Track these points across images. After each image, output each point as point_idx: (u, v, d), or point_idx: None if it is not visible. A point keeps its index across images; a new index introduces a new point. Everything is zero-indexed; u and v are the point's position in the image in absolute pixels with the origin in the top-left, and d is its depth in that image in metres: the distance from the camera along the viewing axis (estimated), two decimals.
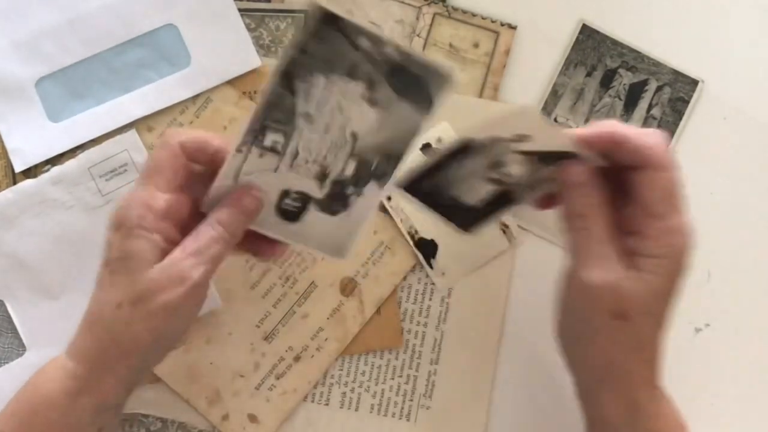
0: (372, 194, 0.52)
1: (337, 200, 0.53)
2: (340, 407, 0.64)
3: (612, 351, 0.51)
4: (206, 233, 0.50)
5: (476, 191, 0.55)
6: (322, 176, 0.52)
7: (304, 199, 0.53)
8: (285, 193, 0.52)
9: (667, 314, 0.51)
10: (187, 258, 0.49)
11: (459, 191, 0.55)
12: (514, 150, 0.51)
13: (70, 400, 0.50)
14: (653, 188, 0.49)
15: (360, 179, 0.52)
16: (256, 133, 0.49)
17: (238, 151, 0.49)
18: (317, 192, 0.52)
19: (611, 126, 0.50)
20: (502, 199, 0.56)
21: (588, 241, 0.50)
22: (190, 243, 0.50)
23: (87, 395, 0.50)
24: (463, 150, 0.52)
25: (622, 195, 0.51)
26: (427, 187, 0.54)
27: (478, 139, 0.51)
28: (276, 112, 0.48)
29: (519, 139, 0.50)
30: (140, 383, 0.54)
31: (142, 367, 0.51)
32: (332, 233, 0.54)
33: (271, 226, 0.53)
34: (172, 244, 0.50)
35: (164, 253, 0.50)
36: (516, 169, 0.53)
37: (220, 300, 0.63)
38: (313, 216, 0.53)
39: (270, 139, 0.49)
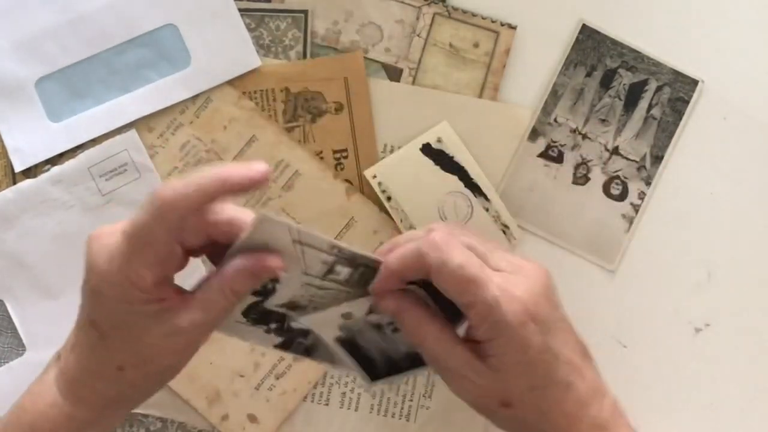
0: None
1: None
2: (340, 407, 0.64)
3: (524, 429, 0.50)
4: (216, 302, 0.46)
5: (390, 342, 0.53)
6: None
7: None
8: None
9: (548, 378, 0.48)
10: (194, 327, 0.46)
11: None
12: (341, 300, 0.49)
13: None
14: (445, 286, 0.46)
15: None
16: None
17: None
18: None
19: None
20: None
21: (433, 363, 0.49)
22: (198, 308, 0.46)
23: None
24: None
25: None
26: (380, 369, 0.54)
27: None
28: None
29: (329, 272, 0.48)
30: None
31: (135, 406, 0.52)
32: None
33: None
34: (171, 297, 0.46)
35: (163, 313, 0.46)
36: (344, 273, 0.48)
37: None
38: None
39: None
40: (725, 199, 0.65)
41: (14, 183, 0.62)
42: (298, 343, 0.52)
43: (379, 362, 0.54)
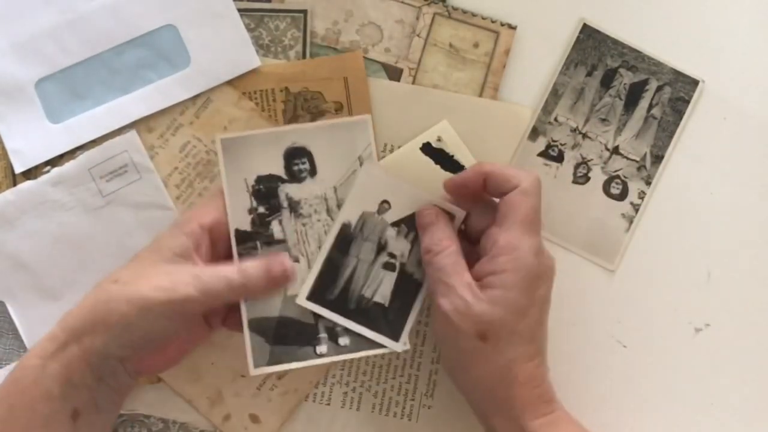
0: None
1: None
2: (342, 407, 0.64)
3: (488, 374, 0.53)
4: (224, 270, 0.53)
5: (379, 283, 0.58)
6: None
7: None
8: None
9: (529, 331, 0.53)
10: (186, 275, 0.52)
11: (363, 288, 0.58)
12: (386, 224, 0.57)
13: (42, 364, 0.51)
14: (513, 208, 0.54)
15: None
16: None
17: None
18: None
19: (482, 165, 0.56)
20: (409, 286, 0.59)
21: (438, 273, 0.54)
22: (203, 267, 0.53)
23: (54, 361, 0.51)
24: (343, 239, 0.57)
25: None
26: (331, 294, 0.58)
27: (349, 220, 0.57)
28: None
29: (383, 209, 0.56)
30: (113, 383, 0.53)
31: (105, 351, 0.51)
32: None
33: None
34: (202, 258, 0.54)
35: (187, 259, 0.53)
36: (399, 245, 0.58)
37: None
38: None
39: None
40: (725, 199, 0.65)
41: (14, 184, 0.62)
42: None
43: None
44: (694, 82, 0.65)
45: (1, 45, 0.62)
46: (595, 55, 0.65)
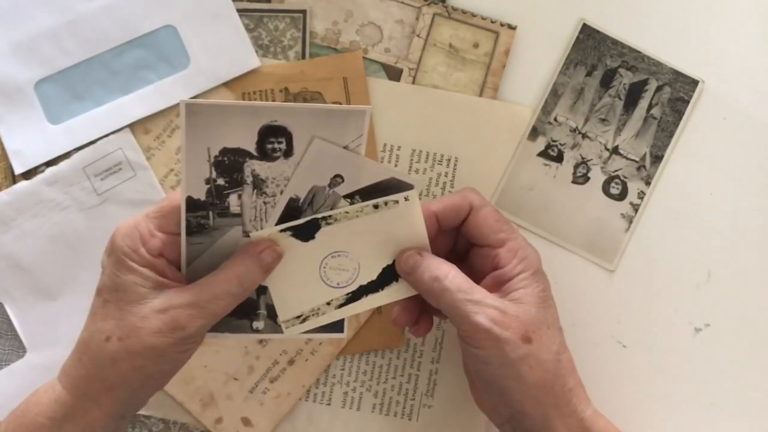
0: None
1: None
2: (342, 407, 0.64)
3: (542, 375, 0.52)
4: (218, 286, 0.50)
5: None
6: None
7: None
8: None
9: (556, 320, 0.54)
10: (185, 308, 0.49)
11: None
12: (338, 197, 0.54)
13: (55, 426, 0.50)
14: (481, 225, 0.55)
15: None
16: None
17: None
18: None
19: (428, 208, 0.55)
20: None
21: (458, 294, 0.52)
22: (195, 292, 0.50)
23: (71, 423, 0.50)
24: (290, 213, 0.54)
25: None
26: None
27: (297, 194, 0.53)
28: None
29: (335, 183, 0.53)
30: (134, 411, 0.53)
31: (129, 401, 0.51)
32: None
33: None
34: (173, 280, 0.51)
35: (159, 287, 0.50)
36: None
37: None
38: None
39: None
40: (725, 199, 0.65)
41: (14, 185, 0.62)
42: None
43: None
44: (694, 82, 0.65)
45: (0, 46, 0.62)
46: (595, 55, 0.65)
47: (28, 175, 0.62)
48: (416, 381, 0.64)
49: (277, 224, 0.53)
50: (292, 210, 0.53)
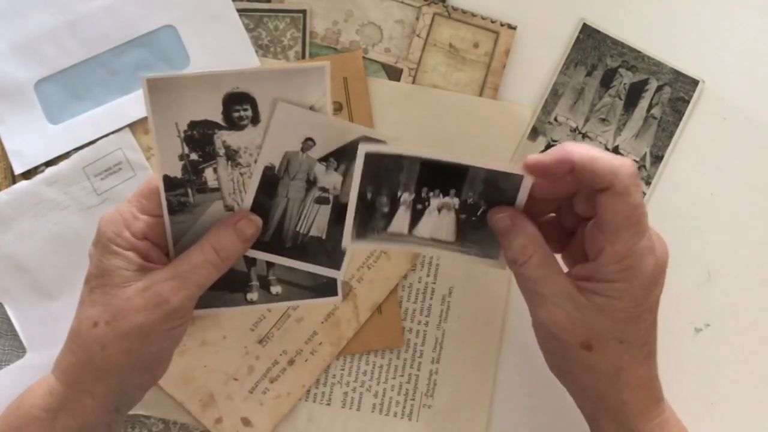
0: None
1: None
2: (342, 407, 0.64)
3: (594, 381, 0.50)
4: (195, 256, 0.50)
5: (313, 218, 0.55)
6: None
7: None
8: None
9: (641, 337, 0.50)
10: (167, 281, 0.49)
11: (297, 225, 0.55)
12: (313, 161, 0.53)
13: (50, 418, 0.50)
14: (613, 213, 0.47)
15: None
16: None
17: None
18: None
19: (569, 151, 0.48)
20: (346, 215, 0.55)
21: (528, 283, 0.50)
22: (176, 265, 0.50)
23: (66, 414, 0.50)
24: (268, 181, 0.53)
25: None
26: (264, 236, 0.54)
27: (271, 162, 0.52)
28: None
29: (307, 146, 0.52)
30: (128, 404, 0.53)
31: (122, 388, 0.51)
32: None
33: None
34: (157, 263, 0.50)
35: (144, 271, 0.49)
36: (330, 178, 0.54)
37: None
38: None
39: None
40: (725, 199, 0.65)
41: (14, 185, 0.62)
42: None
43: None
44: (694, 82, 0.65)
45: (0, 46, 0.62)
46: (595, 55, 0.65)
47: (28, 175, 0.62)
48: (416, 381, 0.64)
49: (255, 196, 0.53)
50: (269, 179, 0.53)
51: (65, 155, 0.62)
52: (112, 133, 0.62)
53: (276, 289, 0.55)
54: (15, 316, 0.62)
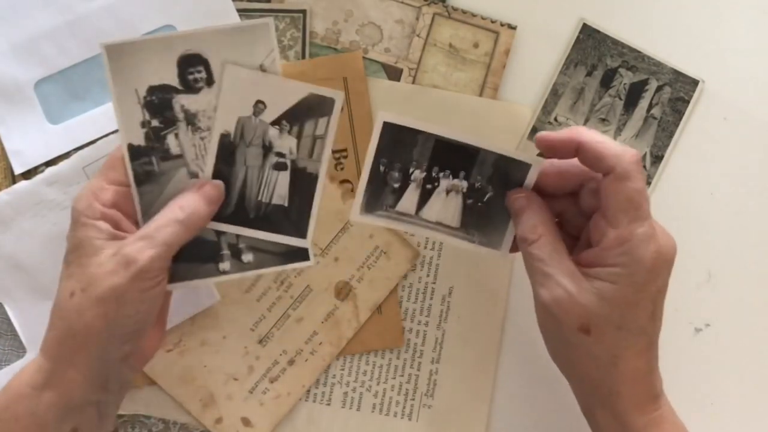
0: None
1: None
2: (342, 407, 0.64)
3: (591, 368, 0.51)
4: (161, 216, 0.51)
5: (273, 185, 0.56)
6: None
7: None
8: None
9: (639, 326, 0.50)
10: (135, 242, 0.49)
11: (259, 194, 0.55)
12: (266, 125, 0.53)
13: (35, 394, 0.50)
14: (615, 196, 0.49)
15: None
16: None
17: None
18: None
19: (579, 132, 0.51)
20: (306, 180, 0.55)
21: (535, 262, 0.51)
22: (143, 228, 0.51)
23: (50, 389, 0.50)
24: (225, 150, 0.53)
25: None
26: (228, 208, 0.55)
27: (226, 129, 0.53)
28: None
29: (258, 110, 0.53)
30: (117, 381, 0.52)
31: (104, 357, 0.50)
32: None
33: None
34: (129, 233, 0.51)
35: (114, 239, 0.50)
36: (286, 142, 0.54)
37: (219, 295, 0.63)
38: None
39: None
40: (725, 199, 0.65)
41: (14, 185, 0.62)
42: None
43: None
44: (694, 82, 0.65)
45: (0, 46, 0.62)
46: (595, 55, 0.65)
47: (27, 175, 0.62)
48: (416, 381, 0.64)
49: (215, 165, 0.54)
50: (226, 147, 0.53)
51: (65, 155, 0.62)
52: (112, 133, 0.62)
53: (247, 257, 0.56)
54: (15, 316, 0.62)
